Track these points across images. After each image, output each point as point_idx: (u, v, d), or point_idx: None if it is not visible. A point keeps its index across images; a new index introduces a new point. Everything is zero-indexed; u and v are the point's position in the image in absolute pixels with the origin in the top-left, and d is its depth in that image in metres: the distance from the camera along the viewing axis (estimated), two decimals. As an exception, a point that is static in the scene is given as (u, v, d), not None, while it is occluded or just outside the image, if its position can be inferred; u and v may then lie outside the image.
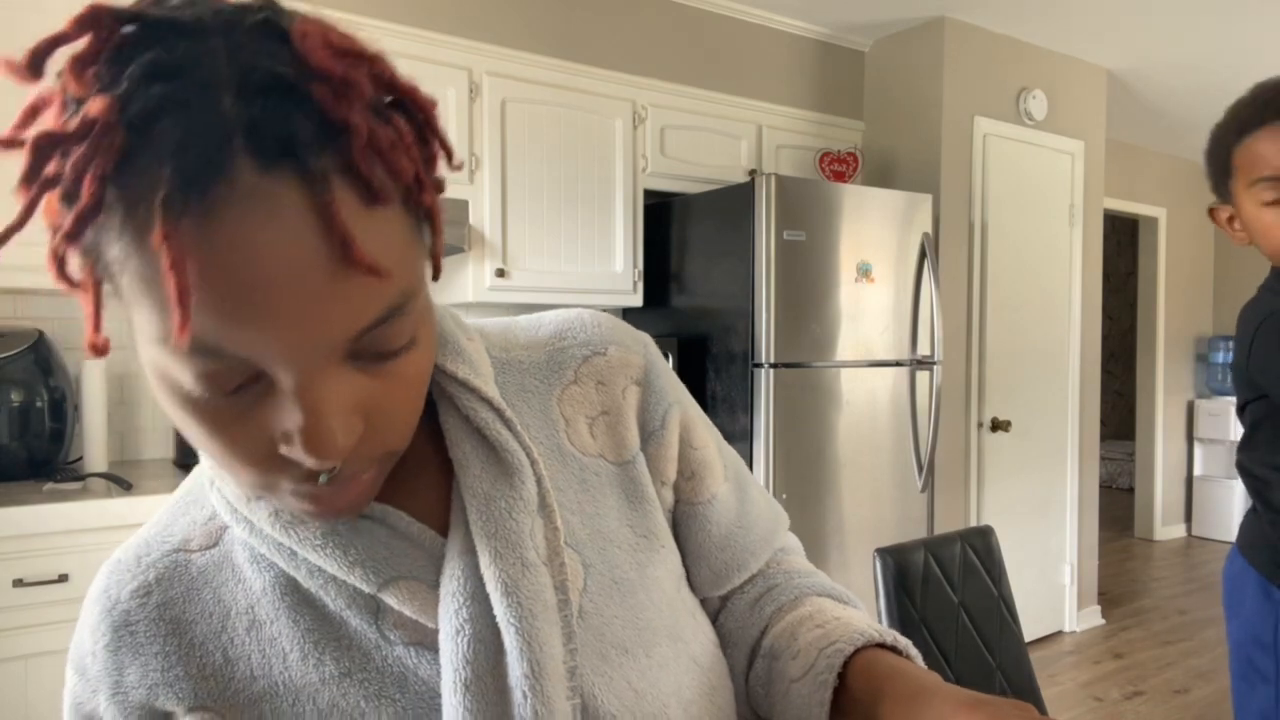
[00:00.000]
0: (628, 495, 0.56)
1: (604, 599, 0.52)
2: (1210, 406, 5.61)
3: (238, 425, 0.40)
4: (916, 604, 1.44)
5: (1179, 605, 4.28)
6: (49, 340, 2.16)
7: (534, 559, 0.49)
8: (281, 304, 0.36)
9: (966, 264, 3.43)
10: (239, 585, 0.51)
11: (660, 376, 0.60)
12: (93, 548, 1.82)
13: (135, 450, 2.42)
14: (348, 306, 0.38)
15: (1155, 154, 5.41)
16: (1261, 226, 1.17)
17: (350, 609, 0.49)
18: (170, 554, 0.52)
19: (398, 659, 0.49)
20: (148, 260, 0.35)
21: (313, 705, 0.48)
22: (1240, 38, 3.54)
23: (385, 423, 0.43)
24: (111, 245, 0.36)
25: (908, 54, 3.47)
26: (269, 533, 0.49)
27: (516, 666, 0.47)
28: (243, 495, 0.50)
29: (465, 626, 0.47)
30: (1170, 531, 5.70)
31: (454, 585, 0.48)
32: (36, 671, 1.78)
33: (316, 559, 0.48)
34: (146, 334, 0.38)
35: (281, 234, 0.35)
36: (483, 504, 0.49)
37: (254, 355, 0.37)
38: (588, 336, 0.59)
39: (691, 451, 0.60)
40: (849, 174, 3.36)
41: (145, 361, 0.40)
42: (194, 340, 0.36)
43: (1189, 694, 3.22)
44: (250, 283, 0.35)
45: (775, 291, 2.64)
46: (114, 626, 0.50)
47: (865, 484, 2.86)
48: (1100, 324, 3.98)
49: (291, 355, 0.37)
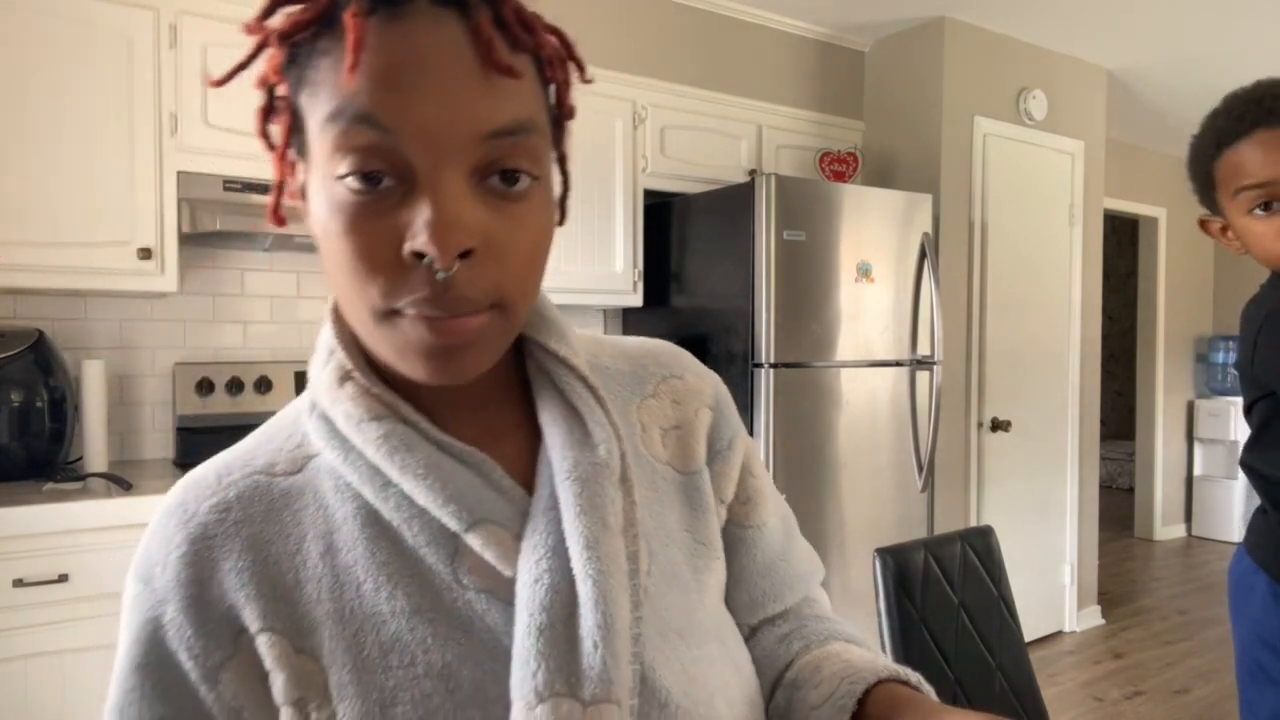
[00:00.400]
0: (691, 503, 0.60)
1: (663, 586, 0.55)
2: (1210, 406, 5.61)
3: (375, 225, 0.45)
4: (916, 604, 1.43)
5: (1179, 605, 4.28)
6: (49, 340, 2.16)
7: (613, 524, 0.52)
8: (431, 81, 0.44)
9: (966, 264, 3.43)
10: (319, 511, 0.52)
11: (730, 407, 0.66)
12: (93, 548, 1.82)
13: (135, 450, 2.42)
14: (486, 103, 0.45)
15: (1155, 154, 5.41)
16: (1253, 236, 1.17)
17: (429, 547, 0.50)
18: (251, 475, 0.53)
19: (468, 603, 0.50)
20: (338, 49, 0.44)
21: (375, 636, 0.49)
22: (1240, 38, 3.54)
23: (500, 259, 0.46)
24: (312, 59, 0.45)
25: (908, 54, 3.47)
26: (370, 457, 0.50)
27: (590, 617, 0.48)
28: (354, 414, 0.51)
29: (544, 576, 0.49)
30: (1170, 531, 5.70)
31: (537, 538, 0.50)
32: (36, 671, 1.78)
33: (413, 488, 0.50)
34: (320, 120, 0.45)
35: (440, 37, 0.44)
36: (571, 467, 0.52)
37: (403, 127, 0.43)
38: (668, 361, 0.65)
39: (750, 478, 0.65)
40: (849, 174, 3.36)
41: (319, 178, 0.46)
42: (355, 105, 0.43)
43: (1189, 694, 3.22)
44: (410, 62, 0.44)
45: (775, 291, 2.64)
46: (191, 538, 0.50)
47: (865, 484, 2.86)
48: (1100, 324, 3.98)
49: (434, 133, 0.44)
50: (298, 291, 2.65)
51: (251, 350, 2.58)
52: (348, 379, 0.53)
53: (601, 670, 0.47)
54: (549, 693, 0.46)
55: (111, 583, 1.84)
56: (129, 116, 2.11)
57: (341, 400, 0.52)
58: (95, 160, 2.08)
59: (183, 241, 2.24)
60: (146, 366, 2.43)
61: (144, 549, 0.52)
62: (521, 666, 0.47)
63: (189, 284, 2.47)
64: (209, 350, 2.52)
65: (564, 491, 0.52)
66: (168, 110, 2.15)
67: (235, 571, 0.49)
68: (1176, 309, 5.61)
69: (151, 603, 0.50)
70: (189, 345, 2.49)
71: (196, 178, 2.19)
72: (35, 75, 2.01)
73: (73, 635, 1.80)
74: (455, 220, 0.44)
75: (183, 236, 2.20)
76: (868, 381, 2.85)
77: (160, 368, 2.44)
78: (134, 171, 2.12)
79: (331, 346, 0.55)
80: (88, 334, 2.35)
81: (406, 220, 0.44)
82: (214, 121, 2.21)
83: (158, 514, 0.53)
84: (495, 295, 0.47)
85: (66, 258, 2.04)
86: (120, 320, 2.40)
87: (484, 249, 0.45)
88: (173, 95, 2.16)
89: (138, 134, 2.12)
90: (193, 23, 2.19)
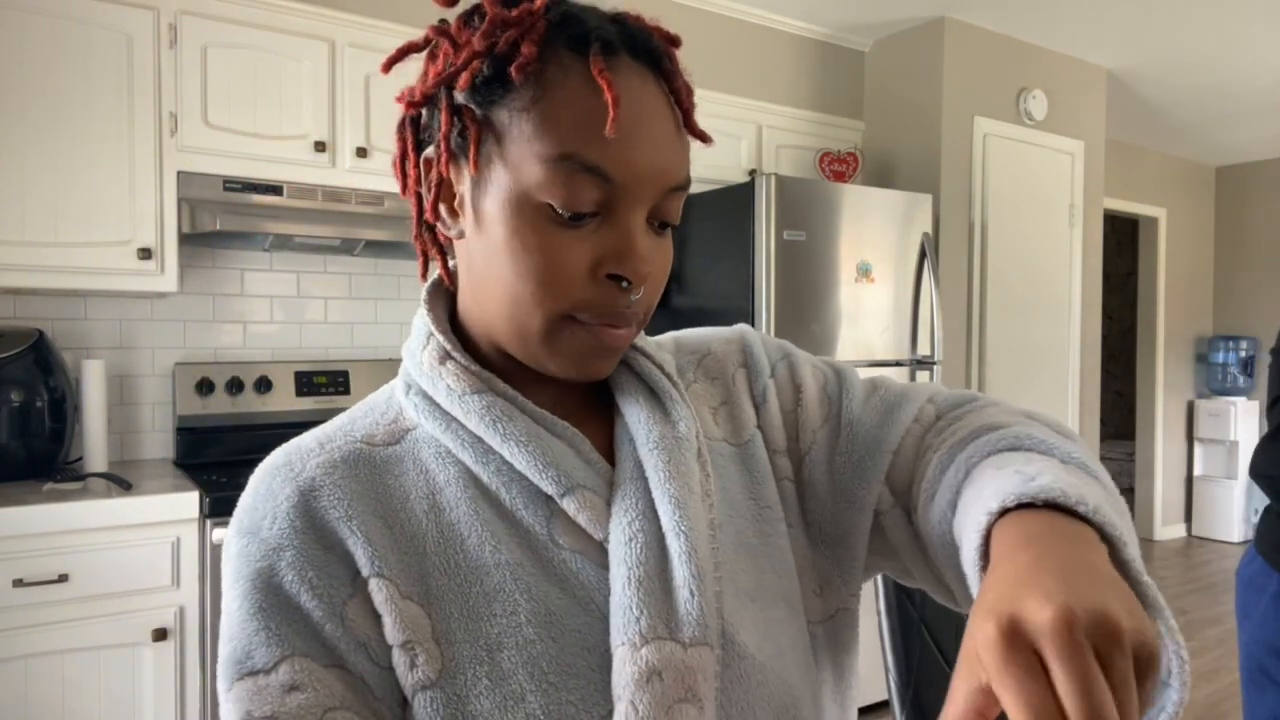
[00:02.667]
0: (749, 469, 0.63)
1: (734, 553, 0.58)
2: (1210, 406, 5.61)
3: (571, 246, 0.52)
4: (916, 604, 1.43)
5: (1179, 605, 4.28)
6: (49, 340, 2.16)
7: (696, 490, 0.57)
8: (647, 137, 0.51)
9: (966, 264, 3.43)
10: (421, 475, 0.56)
11: (757, 349, 0.69)
12: (92, 548, 1.82)
13: (135, 450, 2.42)
14: (676, 159, 0.54)
15: (1155, 154, 5.41)
16: None
17: (526, 509, 0.55)
18: (353, 443, 0.57)
19: (563, 561, 0.54)
20: (571, 88, 0.50)
21: (479, 587, 0.53)
22: (1240, 38, 3.54)
23: (653, 284, 0.56)
24: (514, 98, 0.51)
25: (908, 54, 3.47)
26: (473, 427, 0.55)
27: (682, 569, 0.53)
28: (457, 388, 0.56)
29: (638, 535, 0.54)
30: (1170, 531, 5.70)
31: (627, 502, 0.55)
32: (36, 671, 1.78)
33: (515, 453, 0.54)
34: (540, 153, 0.50)
35: (649, 93, 0.52)
36: (657, 439, 0.58)
37: (624, 179, 0.51)
38: (695, 344, 0.69)
39: (803, 394, 0.67)
40: (849, 174, 3.36)
41: (516, 195, 0.51)
42: (585, 156, 0.50)
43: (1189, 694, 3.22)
44: (631, 117, 0.51)
45: (775, 291, 2.63)
46: (300, 490, 0.53)
47: (865, 484, 2.85)
48: (1100, 324, 3.97)
49: (644, 183, 0.52)
50: (298, 291, 2.65)
51: (251, 350, 2.58)
52: (448, 358, 0.57)
53: (699, 615, 0.52)
54: (652, 635, 0.51)
55: (111, 583, 1.84)
56: (129, 116, 2.11)
57: (444, 376, 0.57)
58: (95, 160, 2.08)
59: (183, 241, 2.24)
60: (146, 366, 2.43)
61: (247, 507, 0.54)
62: (623, 614, 0.51)
63: (189, 284, 2.47)
64: (209, 350, 2.52)
65: (650, 459, 0.57)
66: (168, 110, 2.15)
67: (344, 520, 0.52)
68: (1176, 309, 5.61)
69: (263, 551, 0.51)
70: (189, 345, 2.49)
71: (196, 178, 2.19)
72: (35, 75, 2.01)
73: (73, 635, 1.80)
74: (646, 254, 0.53)
75: (182, 236, 2.20)
76: (868, 381, 2.85)
77: (160, 368, 2.44)
78: (134, 171, 2.12)
79: (429, 331, 0.59)
80: (88, 334, 2.35)
81: (600, 246, 0.52)
82: (214, 121, 2.21)
83: (257, 476, 0.55)
84: (643, 313, 0.56)
85: (66, 258, 2.04)
86: (120, 320, 2.40)
87: (649, 278, 0.54)
88: (173, 95, 2.16)
89: (138, 134, 2.12)
90: (193, 23, 2.18)
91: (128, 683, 1.87)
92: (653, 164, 0.52)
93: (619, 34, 0.52)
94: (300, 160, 2.32)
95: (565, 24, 0.52)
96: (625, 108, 0.50)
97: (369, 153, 2.40)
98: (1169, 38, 3.56)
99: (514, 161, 0.51)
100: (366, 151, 2.40)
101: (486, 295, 0.55)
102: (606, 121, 0.49)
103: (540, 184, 0.50)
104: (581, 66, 0.51)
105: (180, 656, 1.92)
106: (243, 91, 2.25)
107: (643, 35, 0.54)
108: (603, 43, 0.51)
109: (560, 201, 0.50)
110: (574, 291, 0.52)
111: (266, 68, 2.28)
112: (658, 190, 0.53)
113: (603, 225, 0.52)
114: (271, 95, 2.29)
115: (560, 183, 0.50)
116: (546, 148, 0.50)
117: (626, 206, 0.52)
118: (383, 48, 2.43)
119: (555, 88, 0.50)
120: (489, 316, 0.56)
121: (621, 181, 0.51)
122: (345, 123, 2.38)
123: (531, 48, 0.50)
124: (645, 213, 0.53)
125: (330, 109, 2.36)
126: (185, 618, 1.93)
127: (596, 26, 0.52)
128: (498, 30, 0.51)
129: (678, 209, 0.55)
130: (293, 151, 2.31)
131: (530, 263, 0.52)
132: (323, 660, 0.50)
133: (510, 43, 0.51)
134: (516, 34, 0.51)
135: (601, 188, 0.50)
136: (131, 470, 2.21)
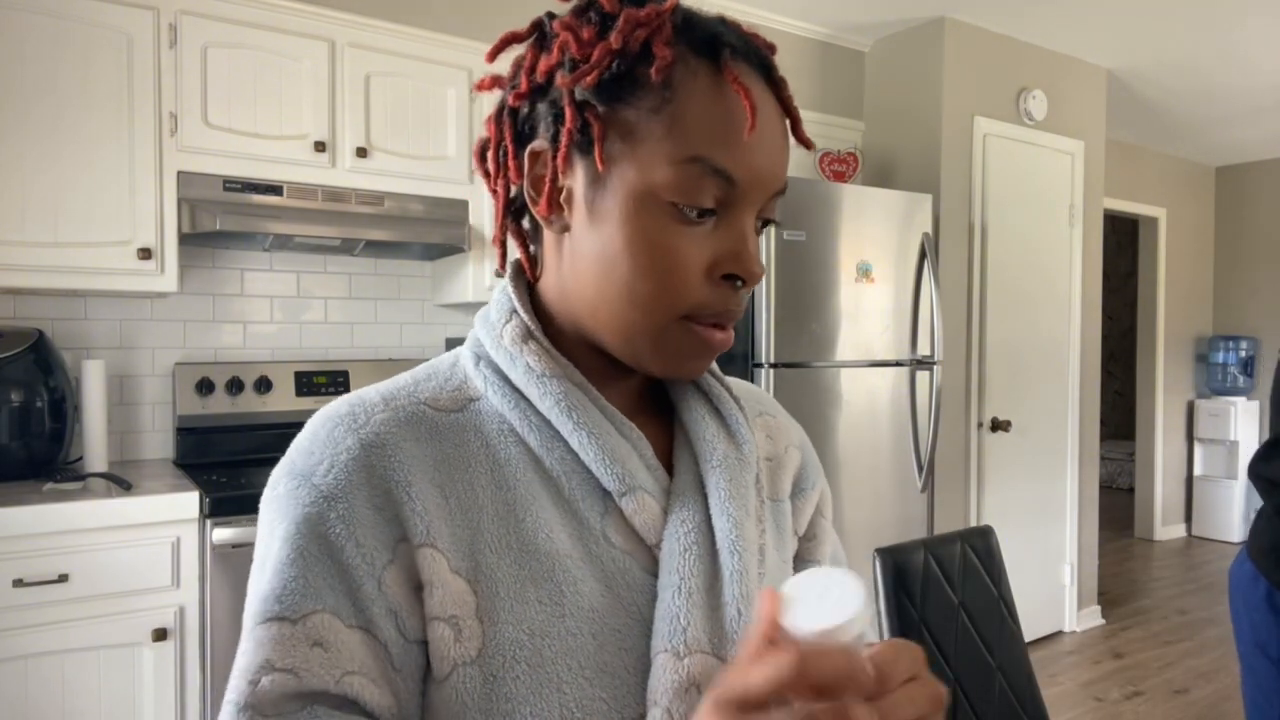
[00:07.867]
0: (778, 526, 0.66)
1: (772, 581, 0.60)
2: (1210, 406, 5.61)
3: (691, 244, 0.53)
4: (916, 604, 1.43)
5: (1179, 605, 4.28)
6: (49, 340, 2.16)
7: (753, 513, 0.59)
8: (767, 143, 0.53)
9: (966, 264, 3.43)
10: (483, 448, 0.56)
11: (813, 454, 0.74)
12: (92, 548, 1.82)
13: (135, 450, 2.42)
14: (785, 163, 0.56)
15: (1155, 154, 5.41)
16: None
17: (584, 501, 0.55)
18: (416, 404, 0.56)
19: (612, 559, 0.55)
20: (699, 91, 0.52)
21: (528, 570, 0.52)
22: (1240, 38, 3.54)
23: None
24: (643, 98, 0.52)
25: (908, 54, 3.47)
26: (545, 410, 0.55)
27: (732, 587, 0.54)
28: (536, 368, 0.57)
29: (693, 547, 0.55)
30: (1170, 531, 5.70)
31: (685, 513, 0.56)
32: (36, 671, 1.78)
33: (583, 444, 0.55)
34: (668, 153, 0.52)
35: (766, 99, 0.54)
36: (721, 458, 0.59)
37: (746, 181, 0.53)
38: (761, 399, 0.73)
39: (820, 519, 0.72)
40: (849, 174, 3.36)
41: (641, 194, 0.52)
42: (714, 158, 0.51)
43: (1189, 694, 3.22)
44: (758, 123, 0.52)
45: (775, 291, 2.64)
46: (363, 443, 0.52)
47: (865, 484, 2.85)
48: (1100, 324, 3.97)
49: (762, 185, 0.54)
50: (298, 291, 2.65)
51: (251, 350, 2.58)
52: (530, 338, 0.58)
53: (743, 635, 0.52)
54: (696, 648, 0.51)
55: (111, 583, 1.84)
56: (129, 116, 2.11)
57: (524, 355, 0.57)
58: (95, 160, 2.08)
59: (183, 241, 2.24)
60: (146, 366, 2.43)
61: (302, 450, 0.53)
62: (669, 621, 0.52)
63: (189, 284, 2.47)
64: (209, 350, 2.52)
65: (713, 476, 0.58)
66: (168, 110, 2.15)
67: (402, 485, 0.52)
68: (1176, 309, 5.61)
69: (314, 497, 0.51)
70: (189, 345, 2.49)
71: (196, 177, 2.19)
72: (35, 75, 2.01)
73: (73, 635, 1.80)
74: (757, 254, 0.55)
75: (182, 236, 2.20)
76: (868, 381, 2.85)
77: (160, 368, 2.44)
78: (134, 171, 2.12)
79: (514, 308, 0.59)
80: (88, 334, 2.35)
81: (717, 246, 0.54)
82: (214, 121, 2.21)
83: (318, 421, 0.55)
84: (741, 311, 0.57)
85: (66, 258, 2.04)
86: (120, 320, 2.40)
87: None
88: (173, 95, 2.16)
89: (138, 134, 2.12)
90: (193, 23, 2.18)
91: (128, 683, 1.87)
92: (769, 168, 0.54)
93: (739, 41, 0.54)
94: (300, 160, 2.32)
95: (689, 26, 0.53)
96: (750, 114, 0.52)
97: (369, 153, 2.40)
98: (1169, 38, 3.56)
99: (643, 161, 0.52)
100: (366, 151, 2.40)
101: (585, 289, 0.56)
102: (735, 126, 0.51)
103: (668, 184, 0.52)
104: (708, 70, 0.52)
105: (180, 656, 1.92)
106: (243, 91, 2.25)
107: (755, 43, 0.56)
108: (731, 49, 0.53)
109: (686, 199, 0.52)
110: (692, 294, 0.53)
111: (266, 67, 2.28)
112: (769, 193, 0.55)
113: (719, 227, 0.54)
114: (271, 95, 2.29)
115: (688, 184, 0.52)
116: (677, 149, 0.51)
117: (741, 208, 0.54)
118: (383, 48, 2.43)
119: (684, 90, 0.52)
120: (581, 308, 0.57)
121: (742, 184, 0.53)
122: (345, 123, 2.38)
123: (667, 50, 0.51)
124: (755, 214, 0.55)
125: (330, 109, 2.36)
126: (185, 618, 1.93)
127: (723, 32, 0.54)
128: (633, 29, 0.52)
129: (776, 210, 0.58)
130: (293, 151, 2.31)
131: (651, 261, 0.53)
132: (350, 620, 0.49)
133: (641, 42, 0.52)
134: (645, 34, 0.52)
135: (723, 189, 0.52)
136: (131, 470, 2.21)
